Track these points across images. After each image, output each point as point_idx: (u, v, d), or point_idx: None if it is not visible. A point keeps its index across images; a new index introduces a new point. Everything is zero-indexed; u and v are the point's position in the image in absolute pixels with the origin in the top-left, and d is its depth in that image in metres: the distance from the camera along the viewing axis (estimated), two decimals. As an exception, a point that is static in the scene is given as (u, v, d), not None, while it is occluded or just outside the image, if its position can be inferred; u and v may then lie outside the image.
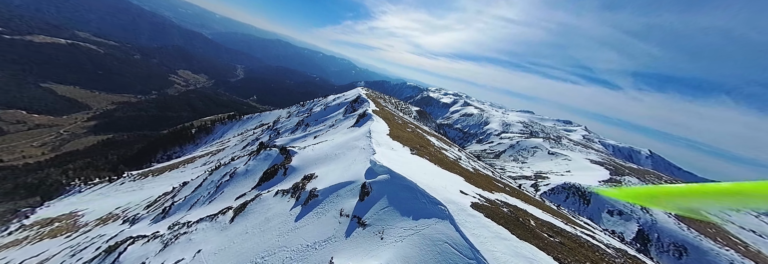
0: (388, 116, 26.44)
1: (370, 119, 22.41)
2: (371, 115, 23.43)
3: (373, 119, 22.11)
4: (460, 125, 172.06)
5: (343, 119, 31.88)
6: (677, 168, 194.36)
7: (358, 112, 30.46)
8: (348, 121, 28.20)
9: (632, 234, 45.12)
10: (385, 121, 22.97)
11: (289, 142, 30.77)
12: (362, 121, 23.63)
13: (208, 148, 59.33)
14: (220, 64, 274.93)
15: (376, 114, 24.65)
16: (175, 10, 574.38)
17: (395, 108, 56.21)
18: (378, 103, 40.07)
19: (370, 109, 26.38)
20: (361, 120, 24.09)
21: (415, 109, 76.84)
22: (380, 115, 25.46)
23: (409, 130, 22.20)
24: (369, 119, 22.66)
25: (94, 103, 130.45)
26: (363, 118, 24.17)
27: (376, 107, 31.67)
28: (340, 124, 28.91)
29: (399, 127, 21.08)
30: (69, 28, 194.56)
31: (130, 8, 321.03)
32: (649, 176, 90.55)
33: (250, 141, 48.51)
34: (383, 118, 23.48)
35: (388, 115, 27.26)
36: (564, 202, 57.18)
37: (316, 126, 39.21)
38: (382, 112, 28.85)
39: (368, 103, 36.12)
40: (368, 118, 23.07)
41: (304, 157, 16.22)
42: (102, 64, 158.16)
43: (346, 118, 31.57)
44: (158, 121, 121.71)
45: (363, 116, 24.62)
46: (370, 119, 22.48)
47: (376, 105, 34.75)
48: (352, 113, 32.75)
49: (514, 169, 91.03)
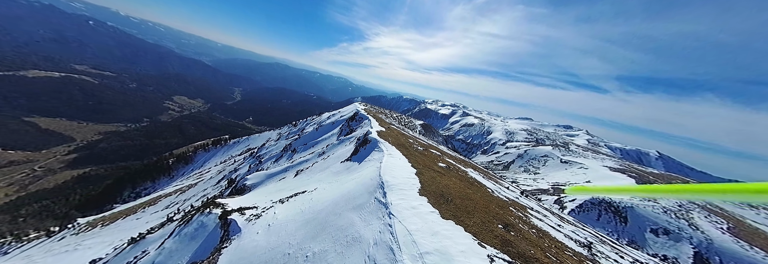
0: (401, 140, 17.92)
1: (377, 149, 14.08)
2: (377, 142, 15.17)
3: (381, 149, 13.65)
4: (462, 136, 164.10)
5: (337, 144, 23.59)
6: (690, 169, 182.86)
7: (356, 135, 22.28)
8: (343, 149, 19.87)
9: (689, 259, 36.26)
10: (400, 149, 14.58)
11: (258, 182, 21.92)
12: (365, 152, 15.11)
13: (183, 182, 49.60)
14: (217, 88, 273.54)
15: (383, 138, 16.50)
16: (178, 41, 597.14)
17: (399, 123, 48.41)
18: (380, 119, 32.21)
19: (373, 131, 18.21)
20: (364, 150, 15.68)
21: (419, 122, 69.09)
22: (389, 138, 17.19)
23: (443, 165, 13.49)
24: (375, 149, 14.37)
25: (79, 134, 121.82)
26: (366, 147, 15.80)
27: (381, 126, 23.63)
28: (333, 152, 20.55)
29: (428, 164, 12.40)
30: (68, 62, 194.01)
31: (133, 41, 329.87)
32: (676, 182, 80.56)
33: (228, 173, 39.32)
34: (396, 145, 15.18)
35: (401, 139, 18.78)
36: (597, 222, 47.38)
37: (305, 152, 30.70)
38: (390, 133, 20.60)
39: (368, 120, 28.21)
40: (373, 147, 14.80)
41: (247, 246, 7.60)
42: (93, 95, 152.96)
43: (341, 143, 23.29)
44: (145, 150, 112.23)
45: (365, 142, 16.35)
46: (376, 149, 14.17)
47: (380, 123, 26.81)
48: (349, 135, 24.55)
49: (527, 181, 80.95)
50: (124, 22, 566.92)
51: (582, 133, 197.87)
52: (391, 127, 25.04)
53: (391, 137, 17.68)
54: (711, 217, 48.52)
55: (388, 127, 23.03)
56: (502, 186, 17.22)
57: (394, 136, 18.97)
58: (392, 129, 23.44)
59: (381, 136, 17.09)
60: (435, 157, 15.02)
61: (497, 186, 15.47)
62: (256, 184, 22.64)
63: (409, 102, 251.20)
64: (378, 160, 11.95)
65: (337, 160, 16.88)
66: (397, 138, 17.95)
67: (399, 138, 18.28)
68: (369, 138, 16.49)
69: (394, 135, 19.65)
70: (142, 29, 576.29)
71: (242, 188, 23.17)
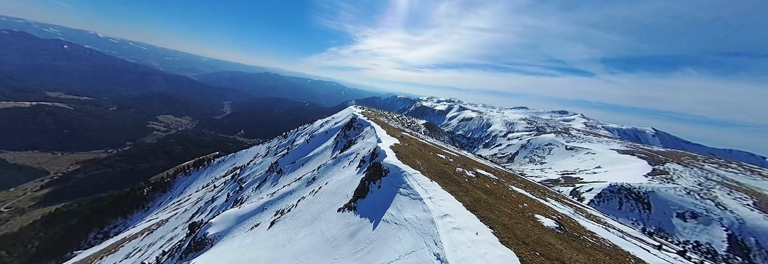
0: (434, 163, 9.42)
1: (406, 192, 6.07)
2: (401, 174, 7.14)
3: (418, 197, 5.56)
4: (462, 131, 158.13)
5: (332, 165, 15.84)
6: (686, 142, 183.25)
7: (356, 150, 14.57)
8: (340, 175, 12.13)
9: (723, 243, 32.98)
10: (448, 187, 6.50)
11: (223, 231, 14.08)
12: (382, 198, 6.64)
13: (157, 215, 40.79)
14: (205, 103, 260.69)
15: (406, 161, 8.51)
16: (161, 58, 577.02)
17: (402, 125, 40.77)
18: (384, 124, 24.47)
19: (385, 147, 10.15)
20: (377, 189, 7.33)
21: (421, 122, 61.48)
22: (416, 160, 9.13)
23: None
24: (400, 188, 6.31)
25: (54, 166, 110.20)
26: (380, 181, 7.51)
27: (390, 135, 15.70)
28: (326, 182, 12.74)
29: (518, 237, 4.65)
30: (40, 90, 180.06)
31: (112, 63, 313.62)
32: (686, 158, 75.71)
33: (203, 204, 30.96)
34: (434, 176, 7.15)
35: (430, 158, 10.38)
36: (619, 211, 40.56)
37: (292, 174, 22.86)
38: (409, 147, 12.23)
39: (371, 127, 20.52)
40: (396, 185, 6.70)
41: None
42: (68, 123, 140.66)
43: (337, 163, 15.50)
44: (128, 177, 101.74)
45: (378, 172, 8.13)
46: (402, 190, 6.17)
47: (387, 130, 18.98)
48: (347, 151, 16.66)
49: (534, 172, 74.61)
50: (104, 44, 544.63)
51: (577, 116, 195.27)
52: (404, 135, 17.15)
53: (417, 158, 9.90)
54: (734, 194, 44.73)
55: (401, 137, 15.24)
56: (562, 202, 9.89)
57: (418, 153, 11.22)
58: (407, 138, 15.61)
59: (400, 156, 9.38)
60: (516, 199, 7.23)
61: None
62: (220, 235, 14.80)
63: (404, 101, 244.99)
64: (429, 239, 4.17)
65: (331, 204, 9.32)
66: (426, 158, 10.05)
67: (427, 157, 10.37)
68: (385, 165, 8.61)
69: (416, 150, 11.94)
70: (123, 49, 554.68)
71: (203, 241, 15.42)
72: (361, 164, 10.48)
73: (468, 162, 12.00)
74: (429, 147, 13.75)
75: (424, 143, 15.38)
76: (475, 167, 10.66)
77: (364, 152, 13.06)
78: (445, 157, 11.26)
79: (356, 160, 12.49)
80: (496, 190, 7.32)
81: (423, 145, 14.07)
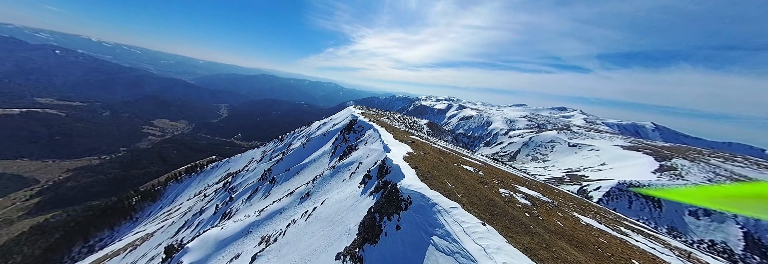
0: (473, 189, 5.82)
1: (451, 246, 3.37)
2: (436, 209, 3.99)
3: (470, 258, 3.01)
4: (462, 130, 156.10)
5: (330, 177, 13.17)
6: (685, 136, 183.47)
7: (358, 159, 11.85)
8: (339, 194, 9.34)
9: (739, 241, 31.59)
10: (508, 230, 3.69)
11: (199, 261, 11.43)
12: (412, 253, 3.95)
13: (146, 227, 37.94)
14: (201, 106, 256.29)
15: (431, 182, 5.44)
16: (156, 62, 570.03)
17: (403, 125, 38.16)
18: (387, 126, 21.73)
19: (398, 160, 6.94)
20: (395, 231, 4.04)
21: (424, 122, 58.91)
22: (448, 182, 5.83)
23: None
24: (434, 235, 3.55)
25: (44, 175, 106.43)
26: (398, 218, 4.34)
27: (398, 140, 12.68)
28: (323, 203, 9.95)
29: None
30: (30, 96, 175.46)
31: (106, 67, 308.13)
32: (691, 153, 74.05)
33: (191, 216, 28.24)
34: (479, 209, 4.26)
35: (467, 180, 6.78)
36: (629, 210, 38.44)
37: (285, 184, 20.27)
38: (428, 157, 8.73)
39: (374, 130, 17.85)
40: (431, 232, 3.65)
41: None
42: (60, 129, 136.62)
43: (336, 174, 12.80)
44: (121, 184, 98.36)
45: (394, 202, 5.03)
46: (446, 244, 3.42)
47: (393, 134, 16.05)
48: (347, 160, 13.80)
49: (538, 170, 72.57)
50: (97, 48, 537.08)
51: (577, 113, 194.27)
52: (414, 139, 14.26)
53: (443, 175, 6.90)
54: None
55: (411, 142, 12.43)
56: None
57: (440, 167, 8.29)
58: (419, 144, 12.72)
59: (422, 173, 6.49)
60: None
61: None
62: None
63: (403, 100, 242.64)
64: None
65: (327, 240, 6.58)
66: (454, 175, 7.01)
67: (454, 172, 7.41)
68: (405, 191, 5.49)
69: (436, 162, 9.05)
70: (117, 54, 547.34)
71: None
72: (365, 180, 8.02)
73: (499, 174, 9.53)
74: (448, 155, 11.07)
75: (440, 149, 12.63)
76: (512, 182, 8.16)
77: (367, 162, 10.56)
78: (473, 169, 8.65)
79: (359, 173, 10.02)
80: (577, 233, 4.62)
81: (439, 152, 11.38)
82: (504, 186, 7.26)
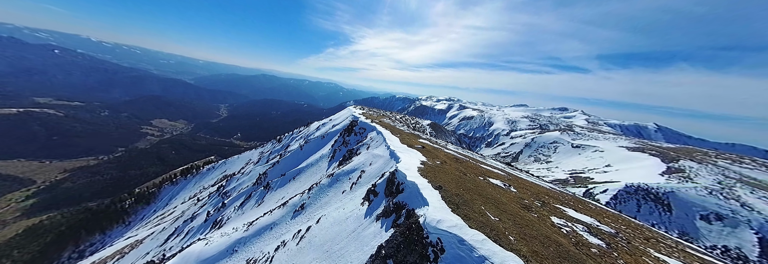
0: (521, 220, 5.02)
1: None
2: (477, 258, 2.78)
3: None
4: (463, 130, 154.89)
5: (328, 187, 11.56)
6: (688, 137, 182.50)
7: (361, 166, 10.29)
8: (339, 210, 7.93)
9: (754, 247, 30.34)
10: None
11: None
12: None
13: (138, 231, 36.56)
14: (201, 106, 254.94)
15: (464, 212, 3.94)
16: (156, 62, 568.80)
17: (405, 126, 36.73)
18: (391, 127, 20.26)
19: (421, 184, 5.97)
20: None
21: (426, 122, 57.46)
22: (490, 218, 4.29)
23: None
24: None
25: (41, 175, 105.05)
26: None
27: (409, 145, 10.90)
28: (323, 205, 8.79)
29: None
30: (28, 96, 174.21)
31: (105, 67, 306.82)
32: (697, 155, 72.60)
33: (181, 223, 26.83)
34: (548, 260, 3.14)
35: (506, 205, 5.03)
36: (638, 213, 38.06)
37: (282, 189, 18.90)
38: (445, 169, 7.24)
39: (378, 133, 16.44)
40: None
41: None
42: (58, 129, 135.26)
43: (335, 184, 11.16)
44: (117, 185, 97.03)
45: (417, 243, 3.18)
46: None
47: (398, 136, 14.54)
48: (348, 166, 12.14)
49: (541, 172, 71.28)
50: (97, 48, 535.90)
51: (578, 113, 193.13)
52: (424, 143, 12.55)
53: (474, 197, 5.15)
54: (757, 192, 42.08)
55: (422, 147, 10.82)
56: None
57: (464, 182, 6.46)
58: (430, 149, 11.02)
59: (449, 197, 4.82)
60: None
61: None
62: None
63: (403, 101, 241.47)
64: None
65: None
66: (488, 196, 5.19)
67: (484, 190, 5.58)
68: (432, 230, 3.58)
69: (457, 175, 7.20)
70: (117, 53, 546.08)
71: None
72: (370, 196, 6.61)
73: (531, 188, 8.06)
74: (466, 163, 9.45)
75: (455, 156, 11.02)
76: (553, 201, 6.68)
77: (371, 171, 9.14)
78: (503, 183, 7.15)
79: (361, 184, 8.65)
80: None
81: (456, 159, 9.83)
82: (552, 211, 5.72)
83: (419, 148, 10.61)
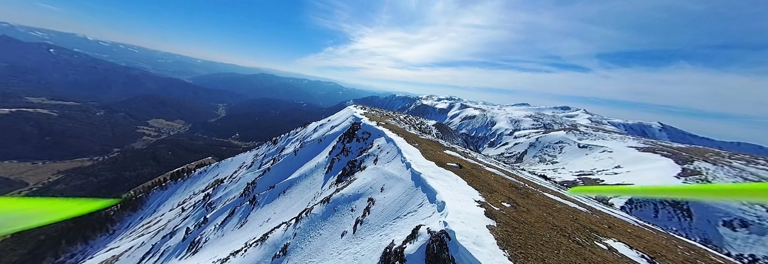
0: None
1: None
2: None
3: None
4: (465, 130, 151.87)
5: (321, 219, 8.16)
6: (693, 136, 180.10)
7: (373, 205, 6.97)
8: (338, 259, 5.17)
9: None
10: None
11: None
12: None
13: (121, 242, 33.52)
14: (199, 106, 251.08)
15: None
16: (154, 61, 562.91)
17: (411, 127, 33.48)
18: (408, 135, 16.82)
19: (460, 227, 3.09)
20: None
21: (431, 123, 54.23)
22: None
23: None
24: None
25: (34, 177, 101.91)
26: None
27: (439, 162, 7.45)
28: (315, 250, 5.86)
29: None
30: (21, 96, 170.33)
31: (102, 66, 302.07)
32: (710, 155, 69.55)
33: (159, 240, 23.76)
34: None
35: None
36: (656, 219, 35.81)
37: (270, 206, 15.78)
38: (527, 221, 4.50)
39: (386, 140, 13.18)
40: None
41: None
42: (52, 129, 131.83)
43: (330, 218, 7.66)
44: (112, 186, 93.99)
45: None
46: None
47: (417, 146, 10.77)
48: (351, 194, 8.39)
49: (547, 173, 68.29)
50: (93, 47, 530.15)
51: (581, 112, 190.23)
52: (461, 160, 8.84)
53: None
54: None
55: (460, 167, 7.08)
56: None
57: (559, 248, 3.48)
58: (477, 173, 7.29)
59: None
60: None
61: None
62: None
63: (403, 100, 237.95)
64: None
65: None
66: None
67: None
68: None
69: (558, 245, 4.15)
70: (114, 52, 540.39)
71: None
72: (390, 259, 3.69)
73: (619, 227, 5.10)
74: (537, 198, 5.93)
75: (511, 181, 7.28)
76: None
77: (386, 203, 5.99)
78: (638, 253, 4.12)
79: (371, 228, 5.54)
80: None
81: (515, 188, 6.29)
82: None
83: (455, 169, 7.28)
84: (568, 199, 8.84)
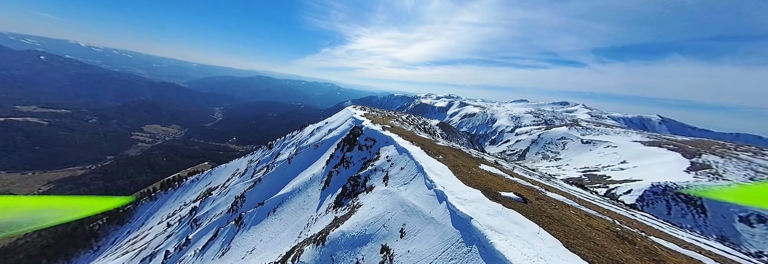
0: None
1: None
2: None
3: None
4: (466, 128, 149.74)
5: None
6: (692, 128, 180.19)
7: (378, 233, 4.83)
8: None
9: None
10: None
11: None
12: None
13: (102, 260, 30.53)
14: (194, 110, 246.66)
15: None
16: (148, 66, 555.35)
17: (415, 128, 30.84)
18: (427, 144, 13.91)
19: None
20: None
21: (435, 123, 51.55)
22: None
23: None
24: None
25: (23, 188, 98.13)
26: None
27: (489, 194, 4.98)
28: None
29: None
30: (9, 104, 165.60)
31: (95, 72, 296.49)
32: (717, 148, 67.98)
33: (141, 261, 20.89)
34: None
35: None
36: (669, 216, 34.30)
37: (257, 227, 13.02)
38: None
39: (397, 149, 10.22)
40: None
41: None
42: (42, 138, 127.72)
43: None
44: (105, 196, 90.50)
45: None
46: None
47: (441, 159, 7.72)
48: (356, 231, 5.61)
49: (550, 170, 66.08)
50: (86, 53, 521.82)
51: (579, 107, 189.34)
52: (514, 183, 6.23)
53: None
54: None
55: (523, 200, 4.60)
56: None
57: None
58: (547, 208, 4.84)
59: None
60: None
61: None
62: None
63: (402, 99, 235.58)
64: None
65: None
66: None
67: None
68: None
69: None
70: (107, 58, 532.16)
71: None
72: None
73: None
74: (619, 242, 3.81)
75: (585, 212, 4.98)
76: None
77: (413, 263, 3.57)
78: None
79: None
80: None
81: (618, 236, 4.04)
82: None
83: (517, 203, 4.29)
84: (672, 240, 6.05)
